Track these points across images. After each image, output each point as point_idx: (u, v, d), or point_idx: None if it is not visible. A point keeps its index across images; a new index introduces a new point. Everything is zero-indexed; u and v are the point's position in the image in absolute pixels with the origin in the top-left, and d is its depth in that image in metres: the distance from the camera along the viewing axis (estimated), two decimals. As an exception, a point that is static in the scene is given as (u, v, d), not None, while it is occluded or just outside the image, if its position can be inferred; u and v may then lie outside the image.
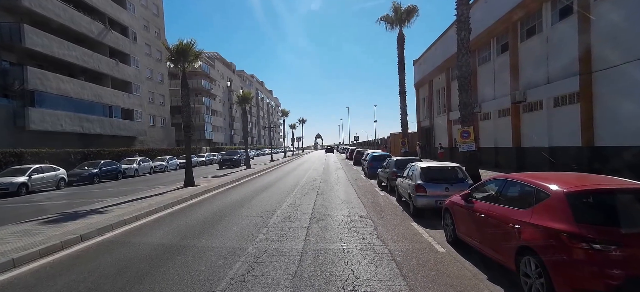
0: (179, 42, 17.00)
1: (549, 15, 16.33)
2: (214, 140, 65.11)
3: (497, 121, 21.79)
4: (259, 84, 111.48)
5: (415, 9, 23.76)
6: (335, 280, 4.61)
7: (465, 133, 12.91)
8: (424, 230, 7.23)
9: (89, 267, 5.43)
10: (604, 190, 3.88)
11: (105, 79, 34.00)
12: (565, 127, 15.45)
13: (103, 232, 7.62)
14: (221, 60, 76.71)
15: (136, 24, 39.46)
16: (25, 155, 21.46)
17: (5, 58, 24.64)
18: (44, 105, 26.30)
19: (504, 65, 20.26)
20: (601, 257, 3.25)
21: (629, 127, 12.20)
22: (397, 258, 5.45)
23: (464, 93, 13.12)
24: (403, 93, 24.67)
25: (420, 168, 8.95)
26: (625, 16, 12.25)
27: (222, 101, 73.01)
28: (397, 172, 11.66)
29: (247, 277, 4.75)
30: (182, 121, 18.06)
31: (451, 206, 6.18)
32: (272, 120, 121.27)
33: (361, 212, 9.15)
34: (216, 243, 6.57)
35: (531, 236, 3.91)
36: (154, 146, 39.82)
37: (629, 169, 10.84)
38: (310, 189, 14.36)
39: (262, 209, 9.93)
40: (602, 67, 13.26)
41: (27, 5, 24.72)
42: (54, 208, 11.54)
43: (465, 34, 13.03)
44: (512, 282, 4.33)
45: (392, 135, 41.58)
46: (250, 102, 35.78)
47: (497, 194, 5.05)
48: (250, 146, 63.20)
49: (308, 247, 6.13)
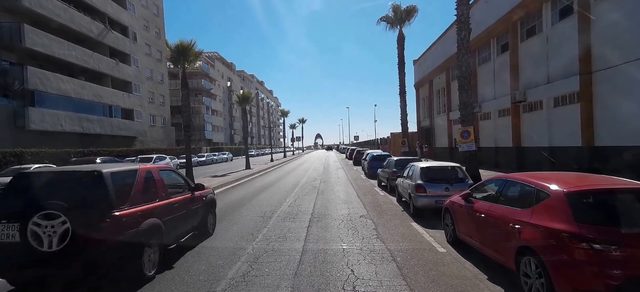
0: (179, 42, 17.03)
1: (549, 15, 16.33)
2: (214, 140, 65.12)
3: (497, 121, 21.79)
4: (259, 84, 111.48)
5: (415, 9, 23.79)
6: (336, 280, 4.61)
7: (465, 133, 12.90)
8: (424, 230, 7.23)
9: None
10: (604, 190, 3.88)
11: (105, 78, 34.00)
12: (565, 127, 15.45)
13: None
14: (221, 60, 76.72)
15: (136, 24, 39.45)
16: (25, 155, 21.45)
17: (5, 58, 24.63)
18: (44, 105, 26.29)
19: (504, 65, 20.26)
20: (601, 257, 3.25)
21: (629, 127, 12.20)
22: (397, 258, 5.45)
23: (464, 93, 13.12)
24: (403, 93, 24.68)
25: (420, 168, 8.95)
26: (625, 16, 12.25)
27: (222, 101, 73.02)
28: (397, 172, 11.67)
29: (247, 277, 4.75)
30: (182, 121, 18.07)
31: (451, 206, 6.18)
32: (272, 120, 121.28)
33: (361, 212, 9.15)
34: (216, 243, 6.56)
35: (531, 236, 3.91)
36: (154, 146, 39.82)
37: (629, 168, 10.83)
38: (311, 189, 14.36)
39: (262, 209, 9.93)
40: (602, 67, 13.27)
41: (27, 5, 24.71)
42: None
43: (465, 34, 13.03)
44: (512, 282, 4.33)
45: (392, 135, 41.60)
46: (250, 102, 35.80)
47: (497, 194, 5.05)
48: (250, 146, 63.26)
49: (308, 247, 6.13)
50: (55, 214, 3.99)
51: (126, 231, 4.39)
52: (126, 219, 4.43)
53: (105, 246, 4.13)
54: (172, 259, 5.58)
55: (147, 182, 5.23)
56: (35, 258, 4.01)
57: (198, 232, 6.79)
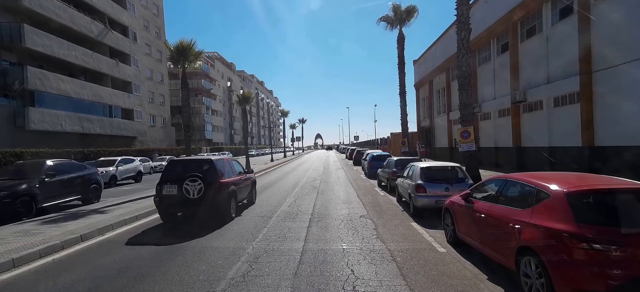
0: (179, 42, 17.00)
1: (549, 15, 16.33)
2: (214, 140, 65.09)
3: (497, 121, 21.79)
4: (259, 84, 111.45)
5: (415, 9, 23.78)
6: (336, 280, 4.61)
7: (465, 133, 12.90)
8: (424, 230, 7.23)
9: (89, 267, 5.43)
10: (604, 190, 3.88)
11: (105, 78, 33.99)
12: (566, 127, 15.45)
13: (103, 232, 7.62)
14: (221, 60, 76.70)
15: (136, 24, 39.43)
16: (25, 155, 21.42)
17: (5, 58, 24.62)
18: (44, 105, 26.27)
19: (504, 65, 20.26)
20: (601, 257, 3.25)
21: (629, 127, 12.20)
22: (397, 258, 5.45)
23: (464, 93, 13.11)
24: (403, 93, 24.67)
25: (420, 168, 8.94)
26: (625, 16, 12.25)
27: (222, 101, 73.00)
28: (397, 172, 11.67)
29: (247, 277, 4.75)
30: (182, 121, 18.04)
31: (451, 206, 6.18)
32: (272, 120, 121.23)
33: (361, 212, 9.15)
34: (216, 243, 6.56)
35: (531, 236, 3.91)
36: (154, 146, 39.81)
37: (629, 168, 10.84)
38: (310, 189, 14.36)
39: (262, 209, 9.93)
40: (602, 67, 13.27)
41: (27, 5, 24.70)
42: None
43: (465, 34, 13.02)
44: (512, 282, 4.33)
45: (392, 135, 41.60)
46: (250, 102, 35.77)
47: (497, 194, 5.04)
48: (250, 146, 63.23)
49: (308, 247, 6.13)
50: (196, 178, 7.95)
51: (225, 190, 8.47)
52: (224, 184, 8.55)
53: (217, 196, 8.17)
54: (172, 258, 5.64)
55: (229, 165, 9.57)
56: (186, 202, 7.99)
57: (247, 201, 10.75)
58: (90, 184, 12.09)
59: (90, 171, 12.45)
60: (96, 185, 12.47)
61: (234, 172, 9.64)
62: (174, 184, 8.04)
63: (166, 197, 8.10)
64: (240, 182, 9.78)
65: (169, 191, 8.06)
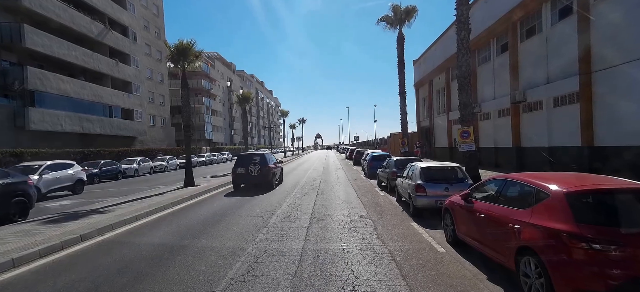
0: (179, 42, 17.01)
1: (548, 16, 16.34)
2: (214, 140, 65.08)
3: (496, 121, 21.80)
4: (259, 84, 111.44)
5: (415, 9, 23.80)
6: (335, 280, 4.61)
7: (465, 133, 12.91)
8: (424, 230, 7.23)
9: (89, 267, 5.43)
10: (603, 190, 3.88)
11: (105, 79, 34.00)
12: (565, 127, 15.46)
13: (103, 232, 7.62)
14: (221, 60, 76.69)
15: (136, 24, 39.44)
16: (25, 155, 21.46)
17: (5, 58, 24.63)
18: (44, 105, 26.28)
19: (503, 65, 20.27)
20: (601, 257, 3.25)
21: (629, 127, 12.21)
22: (397, 258, 5.46)
23: (464, 93, 13.12)
24: (403, 93, 24.69)
25: (420, 168, 8.94)
26: (624, 16, 12.26)
27: (222, 101, 72.99)
28: (397, 172, 11.67)
29: (247, 277, 4.75)
30: (182, 121, 18.06)
31: (451, 206, 6.18)
32: (272, 120, 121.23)
33: (361, 212, 9.15)
34: (216, 243, 6.57)
35: (531, 235, 3.91)
36: (154, 146, 39.81)
37: (628, 168, 10.85)
38: (310, 189, 14.36)
39: (262, 209, 9.94)
40: (602, 67, 13.27)
41: (27, 5, 24.71)
42: (54, 208, 11.54)
43: (465, 34, 13.03)
44: (512, 282, 4.33)
45: (392, 135, 41.61)
46: (250, 102, 35.81)
47: (497, 194, 5.04)
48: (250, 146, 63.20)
49: (308, 247, 6.13)
50: (256, 163, 14.50)
51: (271, 171, 14.72)
52: (270, 168, 14.76)
53: (268, 174, 14.50)
54: (172, 258, 5.65)
55: (272, 157, 16.16)
56: (250, 177, 14.48)
57: (278, 181, 16.21)
58: (13, 197, 9.30)
59: (15, 179, 9.79)
60: (22, 198, 9.59)
61: (274, 162, 15.82)
62: (242, 167, 14.45)
63: (238, 176, 14.49)
64: (277, 167, 16.30)
65: (240, 171, 14.45)
